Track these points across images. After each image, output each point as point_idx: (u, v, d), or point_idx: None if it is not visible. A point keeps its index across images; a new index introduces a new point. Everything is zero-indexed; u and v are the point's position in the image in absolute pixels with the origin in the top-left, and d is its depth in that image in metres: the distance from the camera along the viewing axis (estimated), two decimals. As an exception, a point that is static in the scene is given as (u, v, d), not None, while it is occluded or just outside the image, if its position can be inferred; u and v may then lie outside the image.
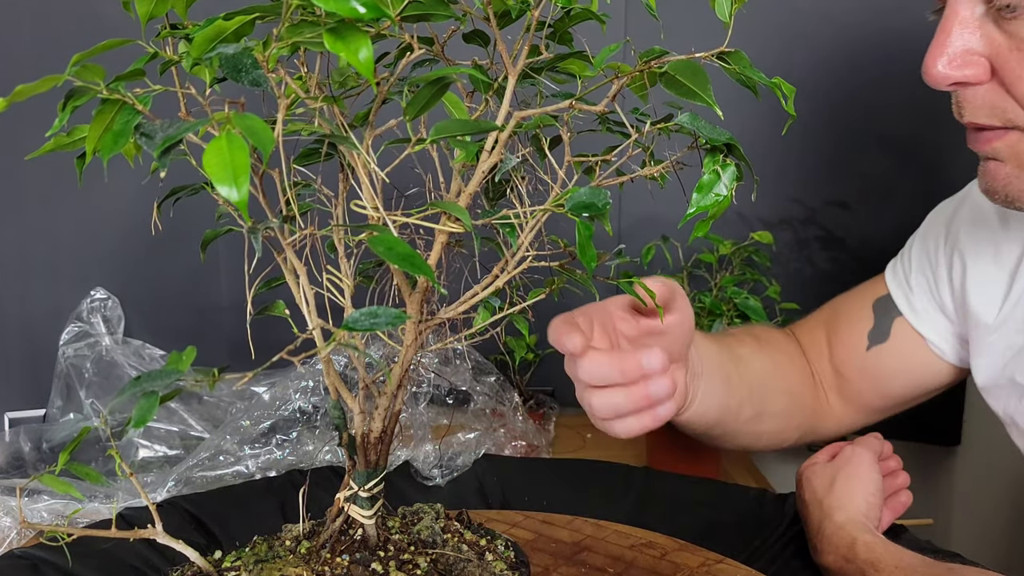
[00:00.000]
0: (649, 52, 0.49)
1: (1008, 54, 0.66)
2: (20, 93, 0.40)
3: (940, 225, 0.93)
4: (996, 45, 0.66)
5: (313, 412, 1.12)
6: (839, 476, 0.83)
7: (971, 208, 0.89)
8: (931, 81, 0.68)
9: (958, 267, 0.88)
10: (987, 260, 0.85)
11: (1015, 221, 0.82)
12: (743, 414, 0.90)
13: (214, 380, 0.46)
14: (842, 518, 0.79)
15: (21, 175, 1.28)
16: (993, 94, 0.68)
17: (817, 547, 0.80)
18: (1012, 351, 0.82)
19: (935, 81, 0.68)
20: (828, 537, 0.78)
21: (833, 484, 0.82)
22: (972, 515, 1.40)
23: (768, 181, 1.36)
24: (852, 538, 0.77)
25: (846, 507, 0.80)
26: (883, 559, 0.74)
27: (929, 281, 0.91)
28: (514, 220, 0.52)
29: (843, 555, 0.76)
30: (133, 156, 0.51)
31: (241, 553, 0.59)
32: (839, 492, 0.81)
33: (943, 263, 0.90)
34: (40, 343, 1.31)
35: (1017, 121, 0.67)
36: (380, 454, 0.57)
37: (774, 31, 1.31)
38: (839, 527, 0.78)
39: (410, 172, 0.57)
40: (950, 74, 0.68)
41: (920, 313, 0.91)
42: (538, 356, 1.36)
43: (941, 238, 0.92)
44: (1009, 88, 0.66)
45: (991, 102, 0.68)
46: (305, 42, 0.43)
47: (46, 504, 0.98)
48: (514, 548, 0.62)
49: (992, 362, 0.83)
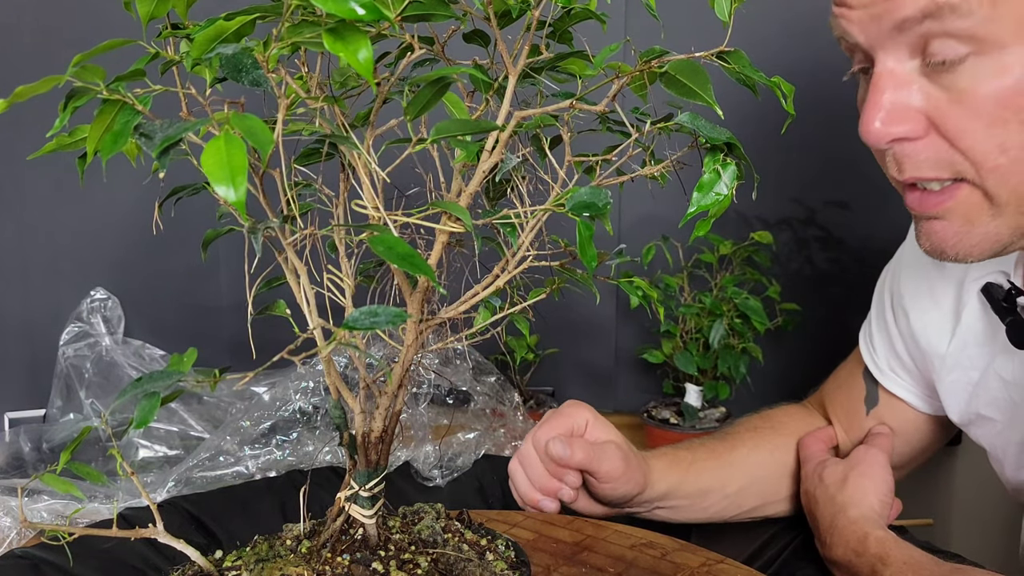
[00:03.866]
0: (649, 52, 0.49)
1: (948, 107, 0.64)
2: (20, 94, 0.40)
3: (886, 281, 0.94)
4: (934, 99, 0.64)
5: (313, 412, 1.12)
6: (852, 474, 0.84)
7: (907, 257, 0.89)
8: (870, 140, 0.67)
9: (902, 317, 0.89)
10: (925, 302, 0.86)
11: (949, 263, 0.82)
12: (724, 516, 0.92)
13: (215, 381, 0.46)
14: (855, 514, 0.80)
15: (21, 175, 1.28)
16: (935, 148, 0.66)
17: (826, 541, 0.81)
18: (971, 386, 0.82)
19: (875, 139, 0.66)
20: (840, 531, 0.79)
21: (846, 481, 0.83)
22: (972, 515, 1.40)
23: (768, 181, 1.36)
24: (864, 533, 0.77)
25: (860, 503, 0.81)
26: (893, 554, 0.75)
27: (885, 339, 0.92)
28: (515, 220, 0.52)
29: (853, 548, 0.77)
30: (134, 156, 0.51)
31: (242, 552, 0.59)
32: (852, 489, 0.82)
33: (891, 318, 0.91)
34: (40, 343, 1.31)
35: (964, 173, 0.65)
36: (381, 454, 0.57)
37: (774, 31, 1.31)
38: (852, 521, 0.79)
39: (411, 172, 0.57)
40: (890, 131, 0.66)
41: (886, 373, 0.92)
42: (538, 356, 1.36)
43: (887, 296, 0.92)
44: (954, 141, 0.65)
45: (934, 156, 0.66)
46: (305, 42, 0.43)
47: (46, 504, 0.98)
48: (515, 548, 0.62)
49: (957, 400, 0.84)
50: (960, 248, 0.68)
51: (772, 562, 0.86)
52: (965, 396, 0.83)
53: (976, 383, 0.82)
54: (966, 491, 1.41)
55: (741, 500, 0.91)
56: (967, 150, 0.65)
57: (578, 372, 1.48)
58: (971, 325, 0.82)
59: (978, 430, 0.84)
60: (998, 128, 0.63)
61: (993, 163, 0.64)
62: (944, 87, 0.64)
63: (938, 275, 0.84)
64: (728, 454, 0.92)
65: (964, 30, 0.61)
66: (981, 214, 0.67)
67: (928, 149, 0.66)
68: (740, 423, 0.98)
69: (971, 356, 0.82)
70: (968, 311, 0.82)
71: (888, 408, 0.92)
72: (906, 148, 0.67)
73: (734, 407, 1.36)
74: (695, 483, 0.89)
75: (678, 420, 1.33)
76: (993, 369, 0.80)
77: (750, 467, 0.92)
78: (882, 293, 0.94)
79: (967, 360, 0.82)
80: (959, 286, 0.83)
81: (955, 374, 0.83)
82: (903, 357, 0.90)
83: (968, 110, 0.63)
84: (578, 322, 1.44)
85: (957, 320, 0.83)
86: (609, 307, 1.46)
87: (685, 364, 1.29)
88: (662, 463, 0.87)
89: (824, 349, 1.34)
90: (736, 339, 1.29)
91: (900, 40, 0.64)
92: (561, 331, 1.42)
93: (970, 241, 0.68)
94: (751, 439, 0.94)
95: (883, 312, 0.92)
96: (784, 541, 0.89)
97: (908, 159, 0.67)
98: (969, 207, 0.67)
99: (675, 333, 1.32)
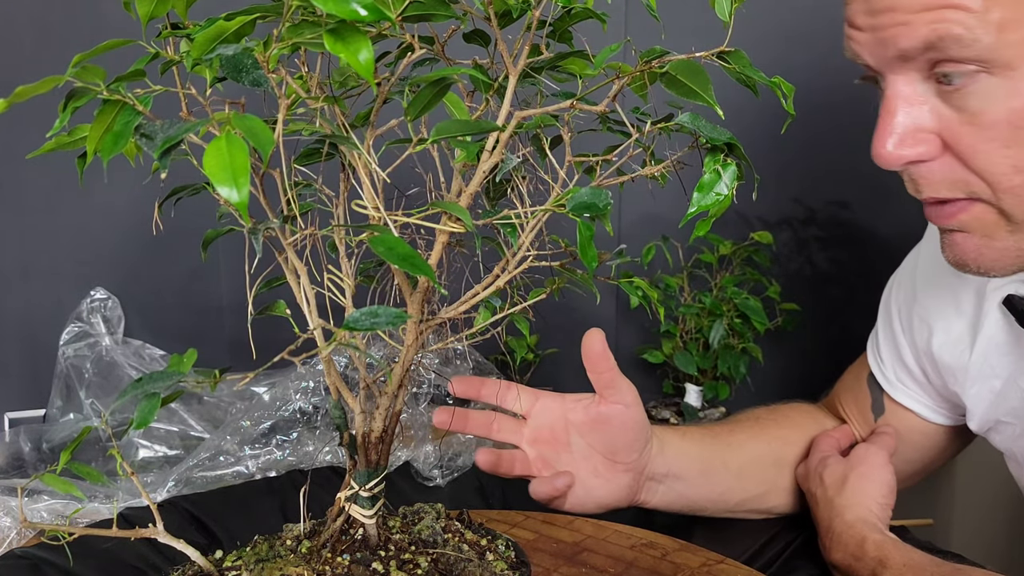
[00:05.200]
0: (649, 52, 0.49)
1: (960, 128, 0.64)
2: (21, 94, 0.40)
3: (892, 292, 0.93)
4: (946, 120, 0.64)
5: (313, 412, 1.12)
6: (852, 475, 0.83)
7: (925, 269, 0.88)
8: (883, 163, 0.66)
9: (921, 329, 0.87)
10: (950, 314, 0.85)
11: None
12: (731, 499, 0.90)
13: (215, 381, 0.46)
14: (852, 517, 0.79)
15: (22, 175, 1.28)
16: (949, 168, 0.66)
17: (826, 544, 0.80)
18: (992, 394, 0.82)
19: (888, 162, 0.66)
20: (838, 535, 0.79)
21: (845, 482, 0.83)
22: (972, 515, 1.40)
23: (768, 181, 1.36)
24: (862, 536, 0.77)
25: (857, 506, 0.80)
26: (892, 557, 0.74)
27: (893, 350, 0.91)
28: (515, 220, 0.52)
29: (852, 553, 0.77)
30: (134, 156, 0.51)
31: (242, 552, 0.59)
32: (851, 491, 0.82)
33: (899, 328, 0.90)
34: (40, 343, 1.31)
35: (980, 193, 0.65)
36: (381, 454, 0.57)
37: (774, 31, 1.31)
38: (849, 525, 0.79)
39: (411, 172, 0.57)
40: (903, 154, 0.65)
41: (894, 383, 0.91)
42: (539, 356, 1.36)
43: (894, 307, 0.91)
44: (967, 162, 0.64)
45: (949, 176, 0.66)
46: (305, 43, 0.43)
47: (46, 504, 0.98)
48: (515, 548, 0.62)
49: (979, 409, 0.84)
50: (982, 262, 0.68)
51: (773, 562, 0.86)
52: (986, 404, 0.82)
53: (999, 392, 0.81)
54: (966, 491, 1.41)
55: (745, 481, 0.90)
56: (981, 170, 0.64)
57: (578, 372, 1.48)
58: (993, 335, 0.81)
59: (997, 435, 0.84)
60: (1012, 148, 0.63)
61: (1008, 183, 0.64)
62: (956, 108, 0.64)
63: (960, 283, 0.83)
64: (728, 436, 0.91)
65: (971, 57, 0.61)
66: (998, 230, 0.67)
67: (943, 169, 0.66)
68: (744, 413, 0.97)
69: (993, 365, 0.81)
70: (990, 321, 0.81)
71: (895, 417, 0.91)
72: (921, 169, 0.66)
73: (734, 407, 1.36)
74: (697, 452, 0.87)
75: (678, 420, 1.33)
76: (1014, 379, 0.79)
77: (749, 450, 0.91)
78: (888, 304, 0.92)
79: (989, 369, 0.82)
80: (979, 295, 0.82)
81: (979, 385, 0.83)
82: (912, 368, 0.89)
83: (981, 131, 0.63)
84: (578, 322, 1.44)
85: (978, 330, 0.82)
86: (609, 307, 1.46)
87: (685, 364, 1.29)
88: (659, 429, 0.87)
89: (824, 349, 1.34)
90: (736, 339, 1.29)
91: (908, 65, 0.64)
92: (561, 331, 1.42)
93: (991, 255, 0.68)
94: (751, 427, 0.94)
95: (890, 323, 0.91)
96: (785, 541, 0.89)
97: (924, 180, 0.67)
98: (985, 224, 0.67)
99: (675, 333, 1.32)
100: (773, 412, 0.97)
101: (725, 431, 0.92)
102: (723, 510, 0.91)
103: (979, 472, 1.36)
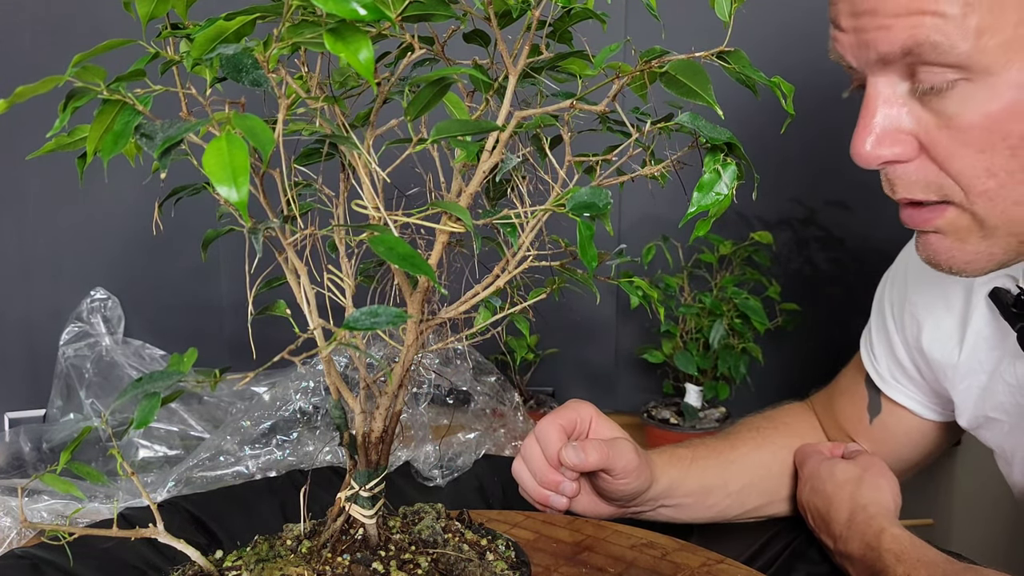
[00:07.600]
0: (649, 52, 0.49)
1: (937, 132, 0.65)
2: (21, 94, 0.40)
3: (886, 289, 0.93)
4: (923, 123, 0.65)
5: (313, 412, 1.12)
6: (867, 475, 0.85)
7: (916, 265, 0.89)
8: (861, 161, 0.67)
9: (911, 327, 0.88)
10: (940, 310, 0.86)
11: None
12: (729, 514, 0.92)
13: (215, 381, 0.46)
14: (875, 510, 0.81)
15: (22, 175, 1.28)
16: (925, 170, 0.66)
17: (843, 535, 0.82)
18: (980, 389, 0.83)
19: (865, 161, 0.67)
20: (858, 525, 0.81)
21: (863, 480, 0.84)
22: (972, 515, 1.40)
23: (768, 181, 1.36)
24: (881, 528, 0.79)
25: (878, 501, 0.82)
26: (908, 551, 0.76)
27: (886, 347, 0.92)
28: (515, 220, 0.52)
29: (868, 543, 0.79)
30: (134, 156, 0.51)
31: (242, 552, 0.59)
32: (868, 488, 0.84)
33: (892, 326, 0.91)
34: (40, 343, 1.31)
35: (953, 197, 0.66)
36: (381, 454, 0.57)
37: (774, 31, 1.31)
38: (871, 516, 0.80)
39: (411, 172, 0.57)
40: (880, 153, 0.66)
41: (888, 381, 0.92)
42: (538, 356, 1.36)
43: (887, 304, 0.92)
44: (942, 165, 0.65)
45: (924, 178, 0.67)
46: (305, 42, 0.43)
47: (46, 504, 0.98)
48: (515, 548, 0.62)
49: (968, 405, 0.85)
50: (953, 263, 0.69)
51: (772, 562, 0.86)
52: (975, 400, 0.84)
53: (984, 387, 0.82)
54: (966, 491, 1.41)
55: (744, 498, 0.91)
56: (956, 174, 0.65)
57: (578, 372, 1.49)
58: (980, 329, 0.82)
59: (986, 432, 0.85)
60: (986, 153, 0.64)
61: (981, 187, 0.65)
62: (934, 111, 0.64)
63: (949, 280, 0.84)
64: (730, 452, 0.92)
65: (949, 62, 0.62)
66: (971, 235, 0.68)
67: (919, 171, 0.67)
68: (743, 423, 0.98)
69: (980, 360, 0.82)
70: (977, 315, 0.82)
71: (891, 416, 0.93)
72: (897, 170, 0.68)
73: (734, 407, 1.36)
74: (697, 479, 0.89)
75: (678, 420, 1.33)
76: (999, 372, 0.80)
77: (752, 465, 0.92)
78: (882, 301, 0.94)
79: (977, 364, 0.83)
80: (968, 291, 0.83)
81: (967, 380, 0.84)
82: (905, 365, 0.90)
83: (957, 135, 0.64)
84: (578, 322, 1.44)
85: (967, 325, 0.83)
86: (609, 307, 1.46)
87: (685, 364, 1.29)
88: (662, 459, 0.88)
89: (824, 349, 1.34)
90: (736, 339, 1.30)
91: (889, 67, 0.65)
92: (561, 331, 1.42)
93: (963, 257, 0.69)
94: (753, 439, 0.95)
95: (883, 320, 0.92)
96: (784, 541, 0.89)
97: (899, 180, 0.68)
98: (958, 228, 0.68)
99: (675, 333, 1.32)
100: (771, 420, 0.98)
101: (726, 447, 0.93)
102: (720, 521, 0.92)
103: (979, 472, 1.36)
